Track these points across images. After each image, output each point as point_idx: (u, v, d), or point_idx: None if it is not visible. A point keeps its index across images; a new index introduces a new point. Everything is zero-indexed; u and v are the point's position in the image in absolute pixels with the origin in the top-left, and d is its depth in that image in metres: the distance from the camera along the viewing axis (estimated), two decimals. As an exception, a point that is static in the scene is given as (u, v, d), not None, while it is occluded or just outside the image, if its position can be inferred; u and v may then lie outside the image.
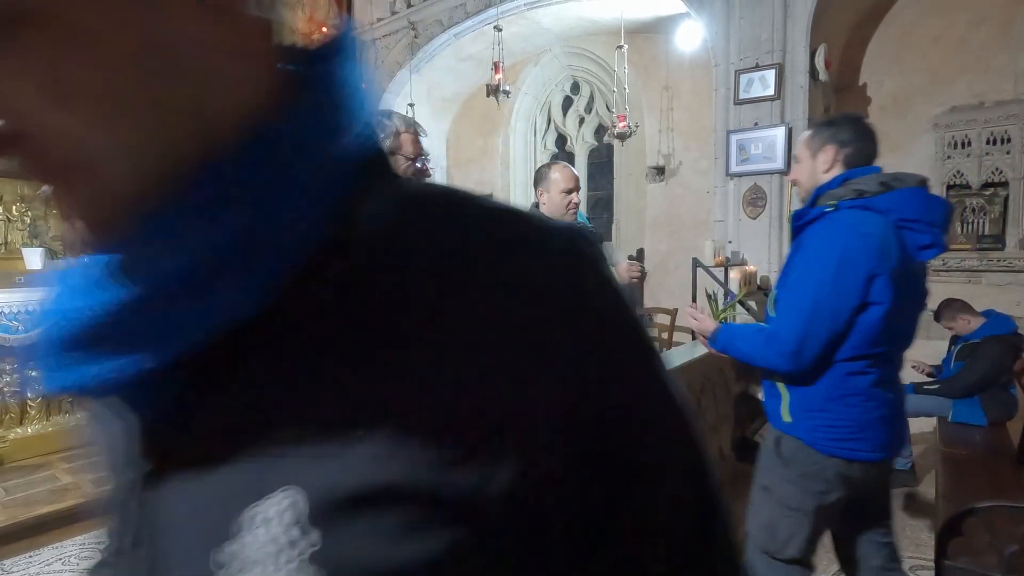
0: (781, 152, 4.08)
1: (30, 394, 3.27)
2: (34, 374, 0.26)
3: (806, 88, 4.10)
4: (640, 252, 6.14)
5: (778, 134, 4.12)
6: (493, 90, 5.13)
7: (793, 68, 4.14)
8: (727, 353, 1.64)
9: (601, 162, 6.77)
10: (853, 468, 1.46)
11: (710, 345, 1.70)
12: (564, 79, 6.90)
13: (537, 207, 2.34)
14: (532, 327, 0.24)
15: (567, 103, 6.97)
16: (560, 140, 7.09)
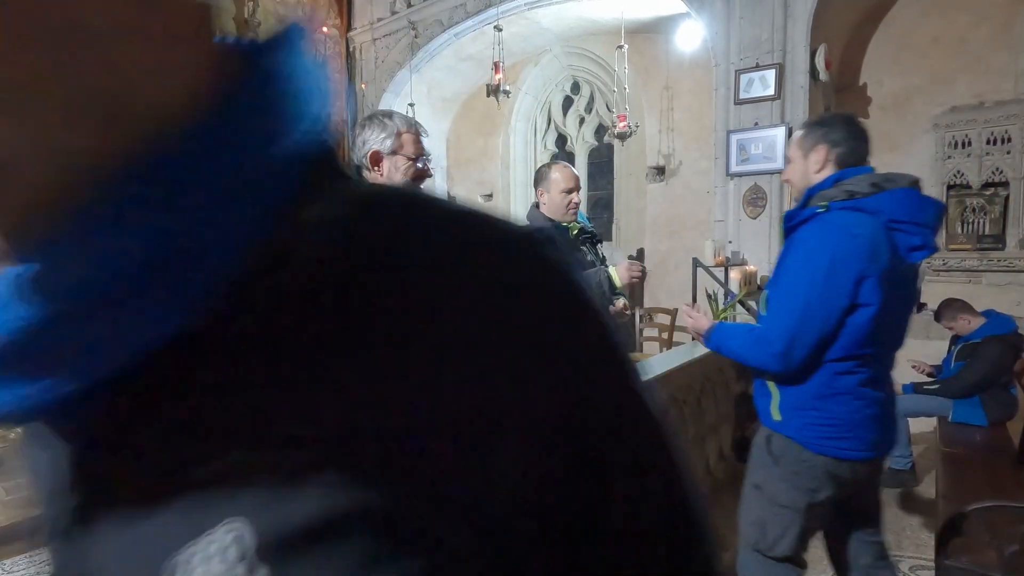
0: (781, 152, 4.08)
1: None
2: None
3: (806, 88, 4.11)
4: (640, 252, 6.14)
5: (778, 134, 4.12)
6: (493, 90, 5.13)
7: (793, 68, 4.14)
8: (720, 352, 1.65)
9: (601, 162, 6.78)
10: (842, 467, 1.47)
11: (704, 344, 1.71)
12: (564, 79, 6.91)
13: (537, 207, 2.34)
14: (494, 334, 0.23)
15: (567, 103, 6.97)
16: (560, 140, 7.09)
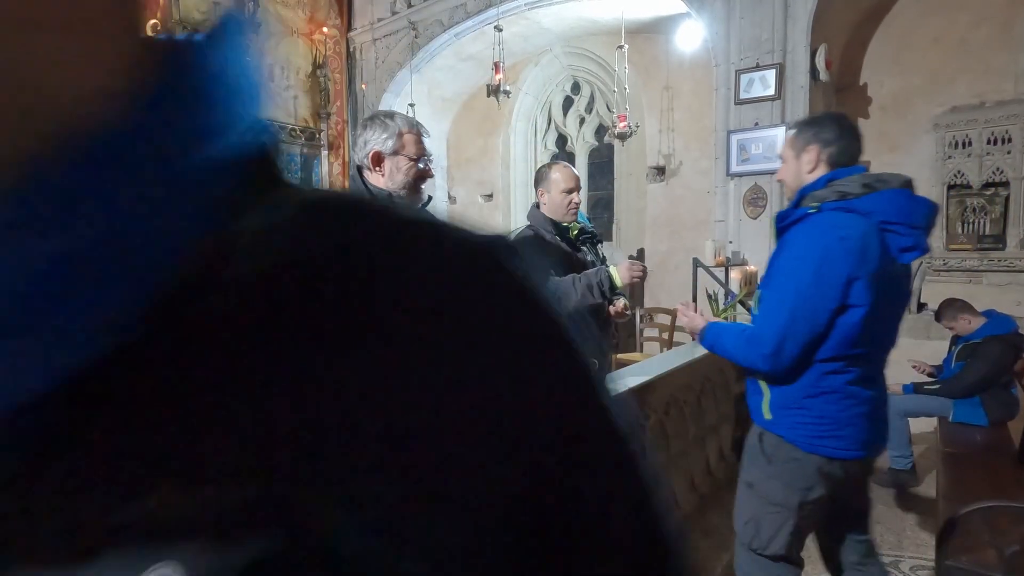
0: (781, 152, 4.10)
1: None
2: None
3: (806, 88, 4.11)
4: (640, 252, 6.15)
5: (779, 134, 4.12)
6: (493, 90, 5.14)
7: (793, 68, 4.15)
8: (714, 351, 1.65)
9: (601, 162, 6.78)
10: (834, 465, 1.47)
11: (699, 342, 1.72)
12: (564, 79, 6.91)
13: (538, 207, 2.34)
14: (446, 345, 0.21)
15: (567, 103, 6.97)
16: (560, 140, 7.09)
